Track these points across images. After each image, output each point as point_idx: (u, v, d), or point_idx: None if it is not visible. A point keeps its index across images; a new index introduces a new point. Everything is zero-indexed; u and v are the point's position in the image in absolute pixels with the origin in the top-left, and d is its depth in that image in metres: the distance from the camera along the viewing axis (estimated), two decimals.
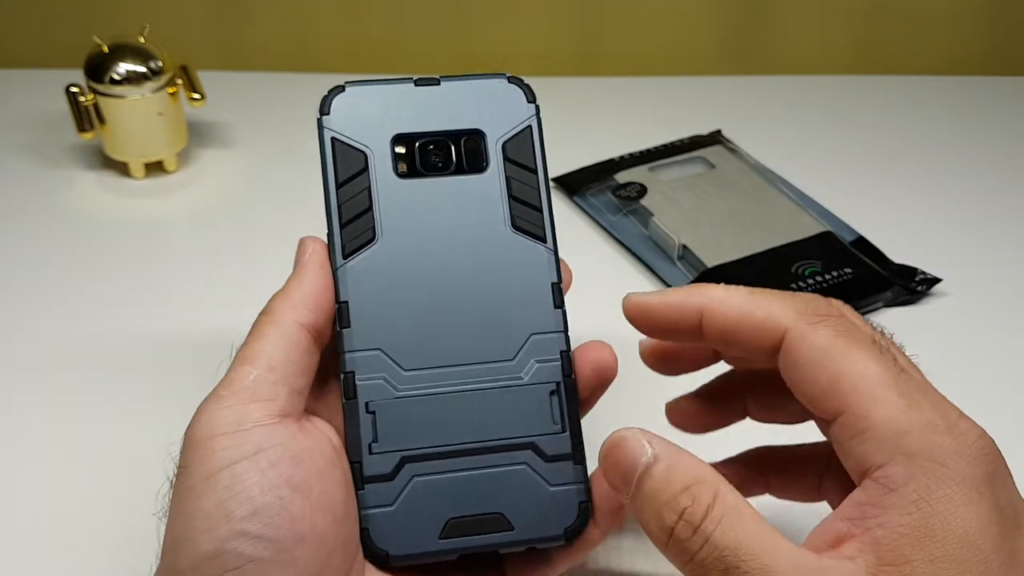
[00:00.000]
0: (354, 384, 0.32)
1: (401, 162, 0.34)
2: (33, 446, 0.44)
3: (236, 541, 0.28)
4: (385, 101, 0.35)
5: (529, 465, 0.33)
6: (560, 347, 0.34)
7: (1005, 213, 0.61)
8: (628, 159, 0.63)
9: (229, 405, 0.30)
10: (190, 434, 0.30)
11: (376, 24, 0.76)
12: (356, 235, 0.34)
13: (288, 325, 0.31)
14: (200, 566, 0.28)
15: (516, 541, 0.32)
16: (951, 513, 0.25)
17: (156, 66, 0.60)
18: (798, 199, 0.59)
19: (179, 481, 0.29)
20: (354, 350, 0.33)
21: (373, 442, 0.32)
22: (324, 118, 0.35)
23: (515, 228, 0.34)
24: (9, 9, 0.76)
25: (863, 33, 0.77)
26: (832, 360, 0.28)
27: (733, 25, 0.77)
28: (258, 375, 0.30)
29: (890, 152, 0.67)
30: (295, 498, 0.29)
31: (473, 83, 0.35)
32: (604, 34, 0.77)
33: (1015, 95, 0.73)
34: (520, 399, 0.33)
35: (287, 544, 0.28)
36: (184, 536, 0.28)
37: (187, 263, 0.56)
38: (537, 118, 0.35)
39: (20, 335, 0.50)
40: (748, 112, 0.71)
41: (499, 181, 0.35)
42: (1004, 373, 0.49)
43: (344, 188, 0.34)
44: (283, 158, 0.65)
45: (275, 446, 0.29)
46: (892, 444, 0.27)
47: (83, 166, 0.64)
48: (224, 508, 0.28)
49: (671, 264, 0.55)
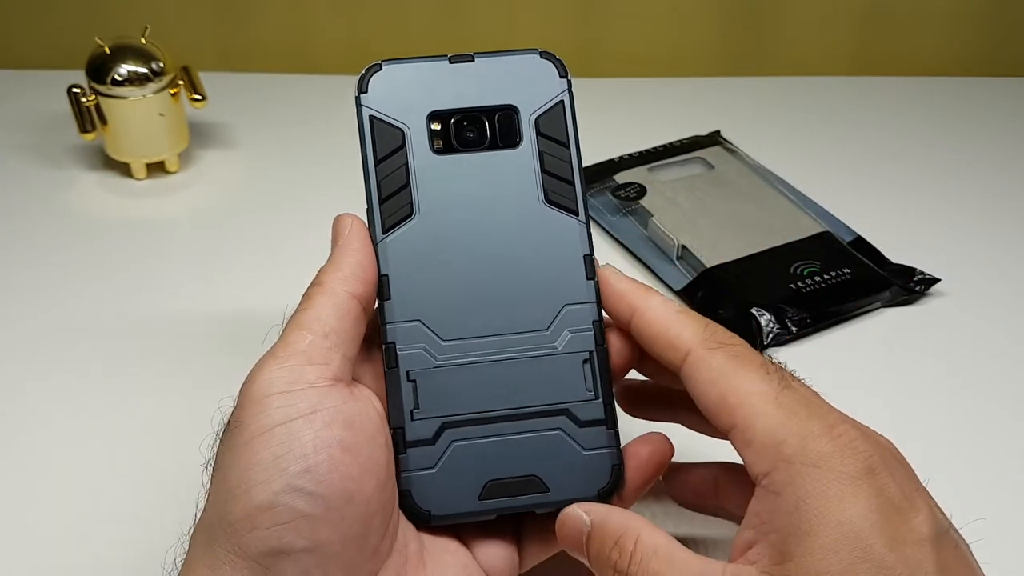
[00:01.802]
0: (396, 354, 0.34)
1: (437, 138, 0.35)
2: (31, 447, 0.44)
3: (289, 495, 0.29)
4: (420, 79, 0.36)
5: (563, 430, 0.34)
6: (592, 317, 0.35)
7: (1004, 213, 0.61)
8: (627, 159, 0.63)
9: (286, 365, 0.31)
10: (247, 390, 0.31)
11: (376, 25, 0.76)
12: (395, 210, 0.35)
13: (340, 295, 0.33)
14: (253, 517, 0.29)
15: (551, 502, 0.34)
16: (826, 508, 0.28)
17: (157, 67, 0.60)
18: (797, 199, 0.59)
19: (234, 435, 0.30)
20: (395, 321, 0.34)
21: (415, 409, 0.34)
22: (362, 96, 0.35)
23: (548, 202, 0.35)
24: (11, 10, 0.76)
25: (862, 34, 0.77)
26: (723, 379, 0.31)
27: (733, 26, 0.77)
28: (313, 340, 0.32)
29: (889, 152, 0.67)
30: (346, 459, 0.30)
31: (506, 59, 0.36)
32: (604, 34, 0.77)
33: (1015, 95, 0.73)
34: (554, 367, 0.34)
35: (336, 503, 0.30)
36: (238, 487, 0.29)
37: (188, 263, 0.56)
38: (569, 93, 0.36)
39: (21, 335, 0.51)
40: (747, 113, 0.71)
41: (532, 155, 0.35)
42: (1002, 372, 0.49)
43: (382, 164, 0.35)
44: (284, 158, 0.65)
45: (329, 408, 0.31)
46: (772, 452, 0.29)
47: (85, 166, 0.64)
48: (279, 463, 0.29)
49: (670, 264, 0.55)
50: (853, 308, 0.52)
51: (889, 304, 0.53)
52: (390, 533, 0.32)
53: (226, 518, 0.30)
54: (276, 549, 0.29)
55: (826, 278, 0.52)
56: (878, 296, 0.52)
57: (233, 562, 0.29)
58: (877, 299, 0.52)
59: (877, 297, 0.52)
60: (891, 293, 0.53)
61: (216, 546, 0.30)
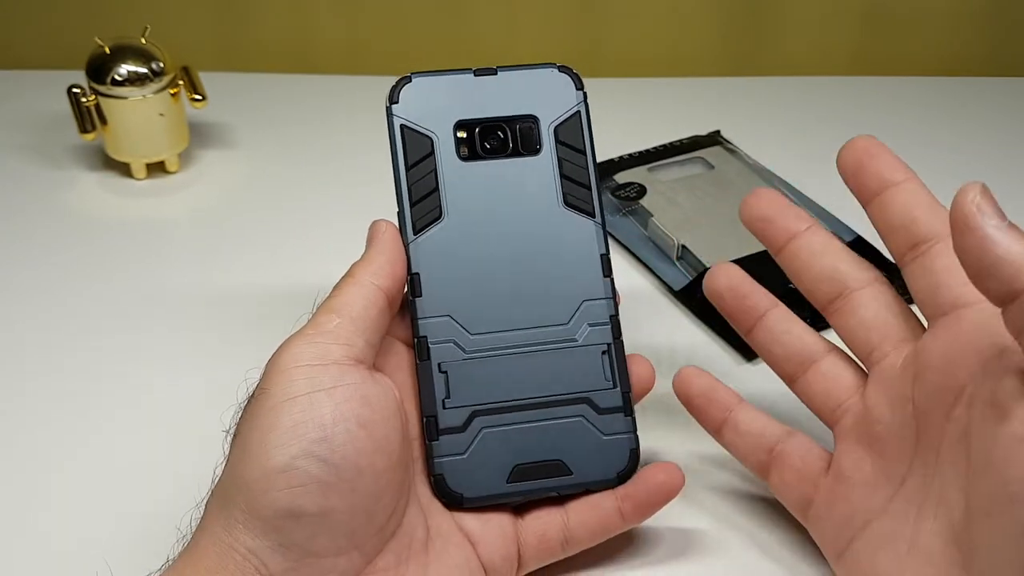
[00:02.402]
0: (427, 347, 0.36)
1: (463, 146, 0.38)
2: (31, 447, 0.44)
3: (305, 460, 0.31)
4: (447, 90, 0.38)
5: (584, 417, 0.37)
6: (609, 312, 0.38)
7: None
8: (627, 159, 0.63)
9: (314, 343, 0.33)
10: (275, 361, 0.33)
11: (376, 25, 0.76)
12: (425, 213, 0.37)
13: (368, 286, 0.35)
14: (269, 478, 0.31)
15: (574, 484, 0.37)
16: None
17: (157, 67, 0.60)
18: (797, 199, 0.59)
19: (258, 402, 0.33)
20: (426, 317, 0.37)
21: (446, 398, 0.36)
22: (393, 106, 0.38)
23: (566, 205, 0.38)
24: (11, 10, 0.76)
25: (862, 34, 0.77)
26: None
27: (733, 26, 0.77)
28: (340, 323, 0.34)
29: None
30: (361, 433, 0.32)
31: (526, 73, 0.39)
32: (603, 35, 0.77)
33: (1015, 95, 0.73)
34: (575, 359, 0.37)
35: (348, 474, 0.32)
36: (258, 449, 0.31)
37: (188, 263, 0.56)
38: (585, 104, 0.39)
39: (21, 335, 0.51)
40: (747, 113, 0.71)
41: (551, 162, 0.38)
42: None
43: (413, 170, 0.38)
44: (284, 158, 0.65)
45: (349, 384, 0.33)
46: None
47: (84, 167, 0.64)
48: (298, 429, 0.31)
49: (670, 264, 0.55)
50: None
51: None
52: (396, 515, 0.34)
53: (243, 477, 0.31)
54: (288, 511, 0.31)
55: None
56: None
57: (247, 521, 0.31)
58: None
59: None
60: None
61: (232, 506, 0.31)
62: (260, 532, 0.31)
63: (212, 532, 0.32)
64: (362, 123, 0.69)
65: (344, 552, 0.32)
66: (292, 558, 0.31)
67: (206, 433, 0.38)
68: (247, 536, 0.31)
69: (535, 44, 0.77)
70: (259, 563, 0.31)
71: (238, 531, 0.31)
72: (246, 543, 0.31)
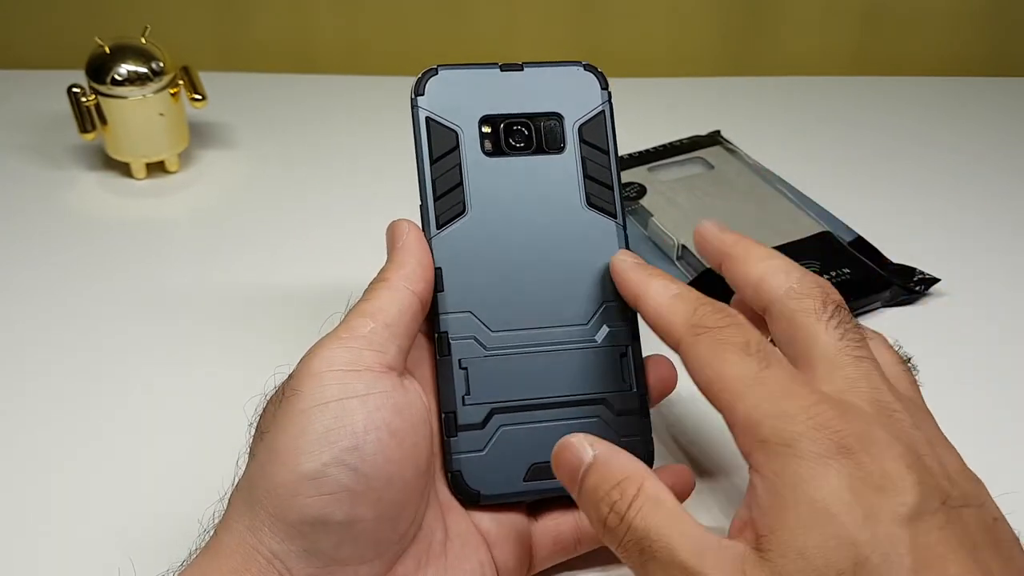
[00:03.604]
0: (448, 343, 0.36)
1: (487, 141, 0.38)
2: (29, 447, 0.44)
3: (336, 468, 0.31)
4: (473, 84, 0.38)
5: (601, 418, 0.37)
6: (628, 314, 0.37)
7: (1004, 213, 0.61)
8: (627, 159, 0.63)
9: (348, 347, 0.33)
10: (307, 363, 0.33)
11: (376, 25, 0.76)
12: (448, 207, 0.37)
13: (402, 291, 0.35)
14: (299, 483, 0.31)
15: None
16: (800, 486, 0.28)
17: (157, 67, 0.60)
18: (797, 199, 0.59)
19: (289, 402, 0.32)
20: (448, 312, 0.36)
21: (466, 395, 0.36)
22: (419, 99, 0.37)
23: (589, 205, 0.38)
24: (11, 10, 0.76)
25: (862, 34, 0.77)
26: (708, 366, 0.31)
27: (733, 26, 0.77)
28: (374, 328, 0.33)
29: (889, 152, 0.67)
30: (392, 442, 0.32)
31: (552, 69, 0.39)
32: (603, 35, 0.77)
33: (1015, 95, 0.73)
34: (594, 360, 0.37)
35: (377, 483, 0.31)
36: (287, 453, 0.31)
37: (188, 263, 0.56)
38: (609, 104, 0.39)
39: (21, 335, 0.51)
40: (747, 113, 0.71)
41: (575, 161, 0.38)
42: (1002, 372, 0.49)
43: (437, 164, 0.37)
44: (284, 158, 0.65)
45: (381, 392, 0.32)
46: (751, 434, 0.30)
47: (85, 166, 0.64)
48: (330, 436, 0.31)
49: (671, 264, 0.55)
50: (853, 308, 0.51)
51: (889, 304, 0.53)
52: (417, 520, 0.34)
53: (272, 480, 0.31)
54: (316, 518, 0.31)
55: (826, 278, 0.52)
56: (878, 296, 0.52)
57: (273, 524, 0.31)
58: (877, 299, 0.52)
59: (877, 297, 0.52)
60: (891, 293, 0.53)
61: (258, 507, 0.31)
62: (286, 537, 0.31)
63: (237, 532, 0.31)
64: (362, 123, 0.69)
65: (367, 560, 0.32)
66: (317, 565, 0.31)
67: (206, 432, 0.38)
68: (272, 540, 0.31)
69: (535, 44, 0.77)
70: (283, 568, 0.31)
71: (263, 534, 0.31)
72: (271, 547, 0.31)
